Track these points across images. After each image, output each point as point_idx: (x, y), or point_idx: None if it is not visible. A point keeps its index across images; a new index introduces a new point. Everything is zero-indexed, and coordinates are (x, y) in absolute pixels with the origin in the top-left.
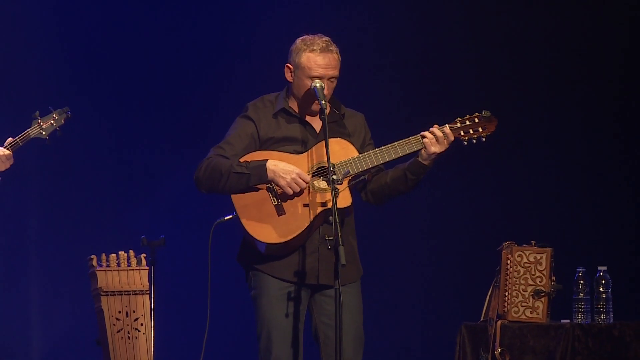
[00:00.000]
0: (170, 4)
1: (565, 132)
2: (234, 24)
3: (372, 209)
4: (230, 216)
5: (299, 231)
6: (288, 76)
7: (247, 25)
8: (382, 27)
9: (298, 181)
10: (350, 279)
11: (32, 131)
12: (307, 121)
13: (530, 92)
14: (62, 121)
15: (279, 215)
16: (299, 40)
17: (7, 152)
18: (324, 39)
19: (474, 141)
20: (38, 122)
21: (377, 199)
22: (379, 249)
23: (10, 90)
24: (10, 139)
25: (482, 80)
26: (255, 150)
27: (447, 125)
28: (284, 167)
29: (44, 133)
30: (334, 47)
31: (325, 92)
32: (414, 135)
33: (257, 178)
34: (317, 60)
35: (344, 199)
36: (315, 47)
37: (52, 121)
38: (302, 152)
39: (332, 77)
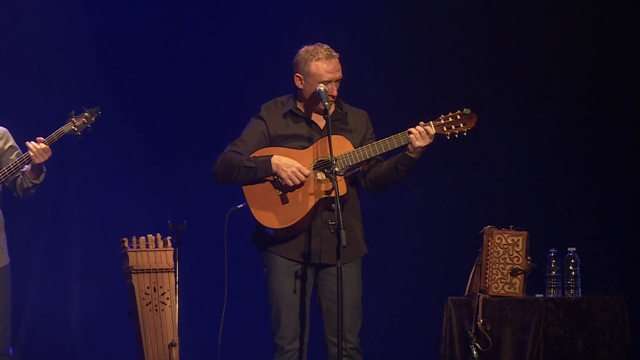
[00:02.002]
0: (196, 18)
1: (539, 130)
2: (250, 37)
3: (372, 196)
4: (242, 205)
5: (300, 218)
6: (298, 84)
7: (260, 38)
8: (378, 37)
9: (297, 174)
10: (349, 259)
11: (66, 128)
12: (312, 120)
13: (504, 91)
14: (93, 119)
15: (283, 204)
16: (302, 52)
17: (44, 145)
18: (325, 47)
19: (456, 135)
20: (72, 120)
21: (375, 187)
22: (376, 232)
23: (46, 91)
24: (40, 138)
25: (462, 79)
26: (265, 146)
27: (431, 122)
28: (286, 162)
29: (76, 130)
30: (335, 53)
31: (334, 93)
32: (402, 131)
33: (263, 171)
34: (324, 67)
35: (340, 188)
36: (320, 56)
37: (84, 119)
38: (306, 147)
39: (338, 79)
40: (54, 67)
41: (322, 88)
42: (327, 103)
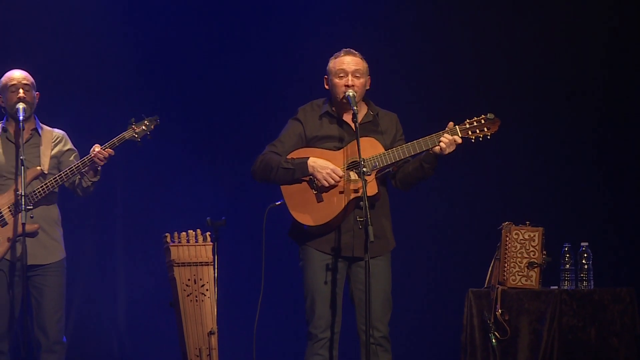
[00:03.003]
0: (237, 26)
1: (554, 135)
2: (287, 45)
3: (400, 195)
4: (280, 202)
5: (333, 215)
6: (326, 85)
7: (296, 45)
8: (408, 46)
9: (332, 175)
10: (379, 253)
11: (127, 134)
12: (345, 121)
13: (522, 95)
14: (152, 127)
15: (318, 203)
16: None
17: (110, 150)
18: (347, 48)
19: (480, 139)
20: (132, 127)
21: (403, 186)
22: (404, 228)
23: (105, 101)
24: (97, 145)
25: (484, 83)
26: (302, 147)
27: (457, 127)
28: (321, 164)
29: (136, 136)
30: (355, 51)
31: (350, 83)
32: (429, 134)
33: (300, 172)
34: (340, 60)
35: (372, 188)
36: (339, 53)
37: (144, 126)
38: (340, 148)
39: (356, 72)
40: (104, 75)
41: (350, 93)
42: (355, 108)
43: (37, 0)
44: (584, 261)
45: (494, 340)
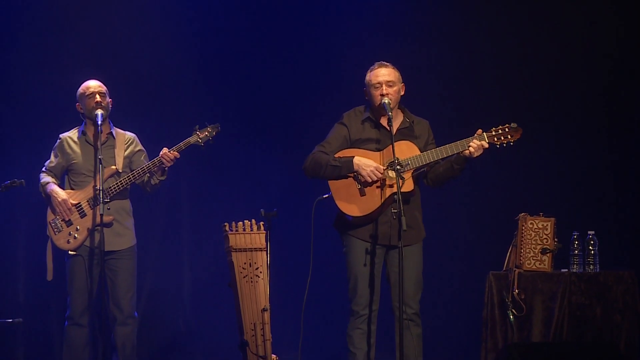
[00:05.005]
0: (289, 36)
1: (567, 138)
2: (334, 55)
3: (430, 191)
4: (327, 195)
5: (375, 208)
6: (366, 95)
7: (341, 55)
8: (442, 59)
9: (375, 172)
10: (412, 241)
11: (192, 139)
12: (383, 125)
13: (533, 100)
14: (214, 133)
15: (361, 196)
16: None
17: (176, 153)
18: (380, 62)
19: (504, 145)
20: (197, 133)
21: (435, 184)
22: (434, 220)
23: (169, 108)
24: (165, 148)
25: (505, 90)
26: (347, 148)
27: (484, 134)
28: (366, 162)
29: (200, 141)
30: (387, 63)
31: (385, 92)
32: (459, 140)
33: (347, 169)
34: (375, 72)
35: (408, 185)
36: (374, 66)
37: (207, 132)
38: (379, 149)
39: (389, 82)
40: (169, 84)
41: (386, 101)
42: (390, 113)
43: (109, 19)
44: (590, 247)
45: (511, 317)
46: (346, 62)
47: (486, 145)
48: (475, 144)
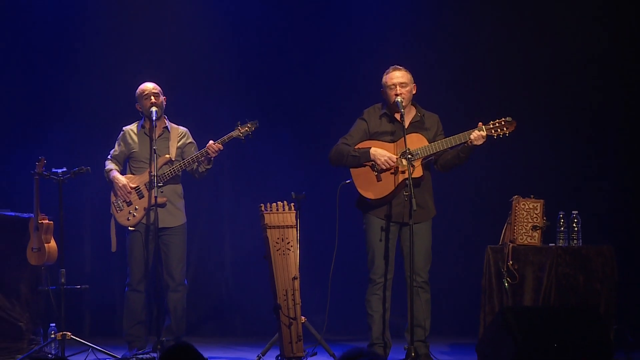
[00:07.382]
0: (322, 39)
1: (555, 129)
2: (360, 58)
3: (440, 176)
4: (349, 181)
5: (389, 191)
6: (383, 95)
7: (365, 58)
8: (450, 59)
9: (389, 161)
10: (422, 219)
11: (234, 133)
12: (397, 120)
13: (524, 92)
14: (253, 129)
15: (377, 182)
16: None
17: (220, 146)
18: (394, 65)
19: (501, 136)
20: (238, 128)
21: (444, 169)
22: (443, 200)
23: (215, 104)
24: (212, 140)
25: (505, 90)
26: (366, 140)
27: (483, 126)
28: (381, 152)
29: (241, 135)
30: (400, 66)
31: (398, 92)
32: (462, 132)
33: (365, 158)
34: (390, 75)
35: (418, 172)
36: (389, 70)
37: (247, 128)
38: (394, 141)
39: (402, 83)
40: (214, 83)
41: (399, 99)
42: (402, 110)
43: (162, 29)
44: (574, 225)
45: (506, 284)
46: (366, 65)
47: (484, 134)
48: (475, 135)
